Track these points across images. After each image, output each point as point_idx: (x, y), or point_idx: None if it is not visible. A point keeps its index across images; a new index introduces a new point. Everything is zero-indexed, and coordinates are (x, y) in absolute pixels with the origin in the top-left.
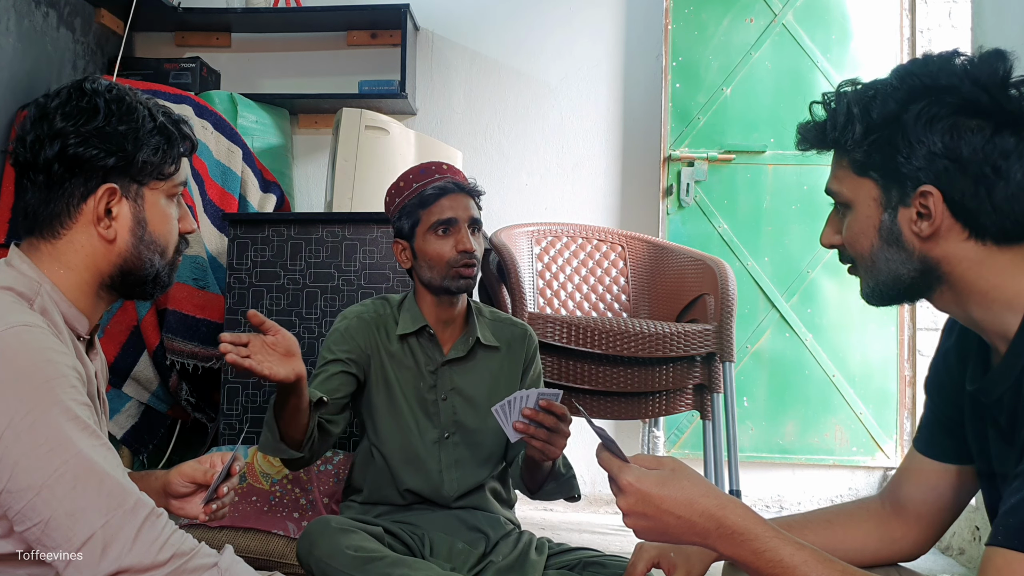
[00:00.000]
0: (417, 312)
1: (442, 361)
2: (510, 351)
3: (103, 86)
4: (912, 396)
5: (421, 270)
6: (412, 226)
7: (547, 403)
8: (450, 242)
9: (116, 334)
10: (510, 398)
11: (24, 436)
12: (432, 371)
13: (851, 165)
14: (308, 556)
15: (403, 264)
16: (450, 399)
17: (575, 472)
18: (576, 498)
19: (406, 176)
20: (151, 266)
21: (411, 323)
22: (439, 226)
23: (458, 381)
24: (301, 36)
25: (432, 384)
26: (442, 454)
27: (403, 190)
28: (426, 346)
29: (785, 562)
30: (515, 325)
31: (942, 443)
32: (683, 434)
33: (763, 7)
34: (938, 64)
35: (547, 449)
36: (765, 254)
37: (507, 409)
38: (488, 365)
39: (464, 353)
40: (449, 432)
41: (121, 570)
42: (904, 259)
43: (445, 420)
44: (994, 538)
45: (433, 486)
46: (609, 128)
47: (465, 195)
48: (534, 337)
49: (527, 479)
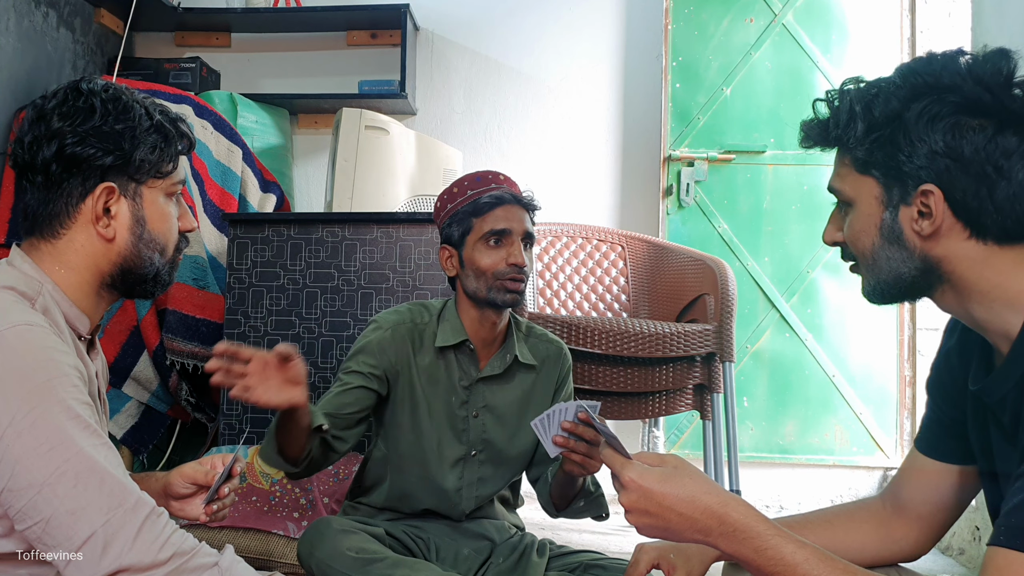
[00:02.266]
0: (458, 324)
1: (477, 378)
2: (544, 369)
3: (99, 86)
4: (912, 396)
5: (467, 280)
6: (463, 234)
7: (586, 416)
8: (501, 254)
9: (116, 334)
10: (549, 411)
11: (25, 435)
12: (466, 387)
13: (853, 163)
14: (309, 557)
15: (448, 272)
16: (481, 416)
17: (604, 491)
18: (605, 517)
19: (460, 183)
20: (151, 264)
21: (451, 335)
22: (491, 236)
23: (491, 399)
24: (301, 36)
25: (464, 400)
26: (465, 471)
27: (456, 196)
28: (463, 361)
29: (787, 560)
30: (551, 343)
31: (943, 443)
32: (683, 434)
33: (763, 7)
34: (941, 63)
35: (587, 463)
36: (765, 254)
37: (546, 423)
38: (522, 384)
39: (501, 371)
40: (477, 450)
41: (122, 569)
42: (905, 257)
43: (474, 438)
44: (996, 538)
45: (448, 504)
46: (609, 128)
47: (521, 208)
48: (568, 356)
49: (556, 496)
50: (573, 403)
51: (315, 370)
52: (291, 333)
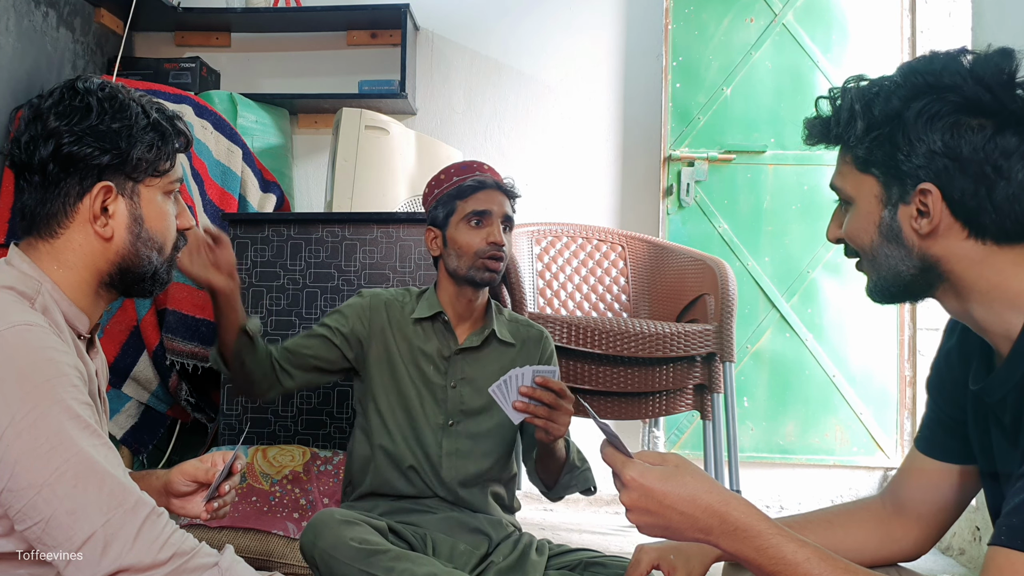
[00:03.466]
0: (435, 300)
1: (456, 349)
2: (524, 349)
3: (95, 84)
4: (912, 396)
5: (449, 258)
6: (447, 215)
7: (543, 380)
8: (482, 234)
9: (116, 334)
10: (505, 377)
11: (25, 435)
12: (445, 357)
13: (854, 161)
14: (312, 548)
15: (432, 251)
16: (459, 387)
17: (590, 465)
18: (592, 491)
19: (447, 170)
20: (149, 263)
21: (427, 309)
22: (473, 217)
23: (468, 371)
24: (301, 36)
25: (444, 371)
26: (444, 440)
27: (443, 182)
28: (440, 333)
29: (787, 559)
30: (532, 327)
31: (944, 443)
32: (683, 434)
33: (763, 7)
34: (943, 62)
35: (550, 427)
36: (765, 254)
37: (504, 389)
38: (500, 360)
39: (478, 344)
40: (454, 420)
41: (121, 569)
42: (904, 256)
43: (452, 408)
44: (996, 538)
45: (433, 470)
46: (609, 128)
47: (501, 193)
48: (550, 340)
49: (541, 471)
50: (529, 368)
51: None
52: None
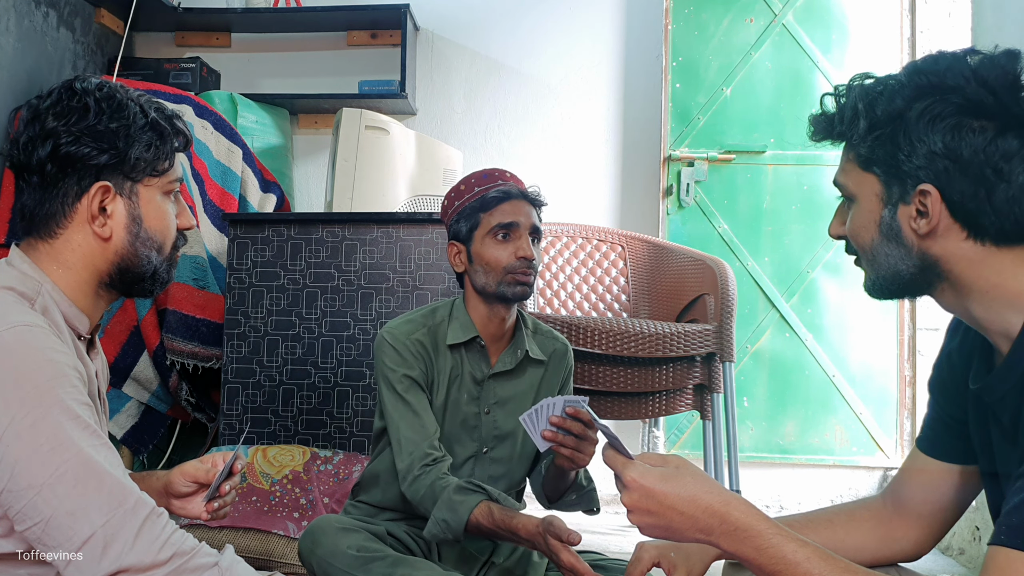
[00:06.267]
0: (467, 320)
1: (489, 374)
2: (551, 365)
3: (93, 84)
4: (912, 396)
5: (476, 275)
6: (471, 229)
7: (574, 410)
8: (510, 248)
9: (116, 334)
10: (537, 406)
11: (25, 435)
12: (478, 383)
13: (856, 159)
14: (310, 555)
15: (456, 268)
16: (493, 412)
17: (595, 485)
18: (596, 511)
19: (467, 180)
20: (148, 263)
21: (461, 332)
22: (499, 230)
23: (502, 394)
24: (301, 36)
25: (476, 396)
26: (477, 469)
27: (464, 193)
28: (474, 358)
29: (788, 559)
30: (556, 339)
31: (945, 443)
32: (683, 434)
33: (763, 7)
34: (947, 63)
35: (576, 457)
36: (765, 254)
37: (535, 418)
38: (531, 379)
39: (512, 367)
40: (488, 447)
41: (122, 569)
42: (903, 255)
43: (485, 434)
44: (997, 537)
45: None
46: (609, 128)
47: (527, 203)
48: (572, 354)
49: (548, 489)
50: (560, 398)
51: (315, 370)
52: (291, 333)
